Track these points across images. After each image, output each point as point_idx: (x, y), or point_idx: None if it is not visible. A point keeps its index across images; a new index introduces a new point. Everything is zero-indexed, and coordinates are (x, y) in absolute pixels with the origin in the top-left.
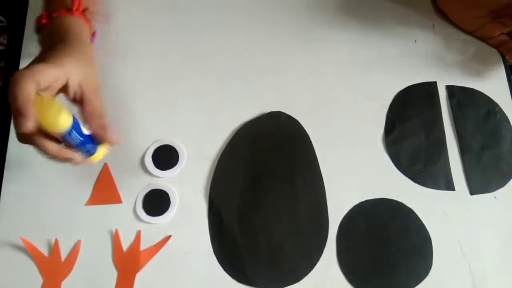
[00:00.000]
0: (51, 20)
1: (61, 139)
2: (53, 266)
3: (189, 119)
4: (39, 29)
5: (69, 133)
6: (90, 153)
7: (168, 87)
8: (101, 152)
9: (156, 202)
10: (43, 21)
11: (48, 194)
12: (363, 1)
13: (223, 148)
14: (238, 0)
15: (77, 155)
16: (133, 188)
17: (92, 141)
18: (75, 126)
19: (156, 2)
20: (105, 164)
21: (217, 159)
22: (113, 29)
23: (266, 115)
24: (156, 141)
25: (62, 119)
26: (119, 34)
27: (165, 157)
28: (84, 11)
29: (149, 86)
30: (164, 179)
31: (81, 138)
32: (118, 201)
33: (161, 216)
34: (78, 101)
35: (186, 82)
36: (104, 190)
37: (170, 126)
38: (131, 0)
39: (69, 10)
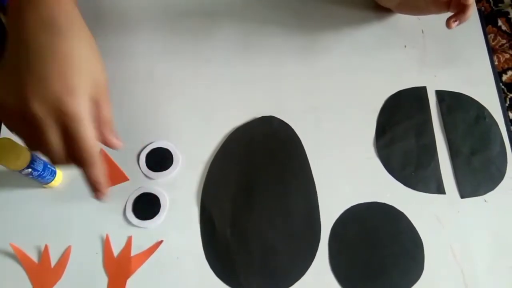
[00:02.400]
0: None
1: (20, 172)
2: (43, 272)
3: (181, 123)
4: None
5: (27, 167)
6: (49, 180)
7: (161, 91)
8: (59, 178)
9: (147, 206)
10: None
11: (38, 198)
12: (353, 8)
13: (215, 152)
14: (231, 4)
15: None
16: (124, 191)
17: (49, 171)
18: (33, 162)
19: (149, 5)
20: (101, 150)
21: (209, 163)
22: (104, 31)
23: (258, 119)
24: (150, 144)
25: (20, 161)
26: (111, 35)
27: (158, 160)
28: None
29: (143, 89)
30: (156, 183)
31: (38, 171)
32: (125, 179)
33: (151, 220)
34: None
35: (179, 86)
36: (108, 173)
37: (162, 130)
38: (123, 2)
39: None
